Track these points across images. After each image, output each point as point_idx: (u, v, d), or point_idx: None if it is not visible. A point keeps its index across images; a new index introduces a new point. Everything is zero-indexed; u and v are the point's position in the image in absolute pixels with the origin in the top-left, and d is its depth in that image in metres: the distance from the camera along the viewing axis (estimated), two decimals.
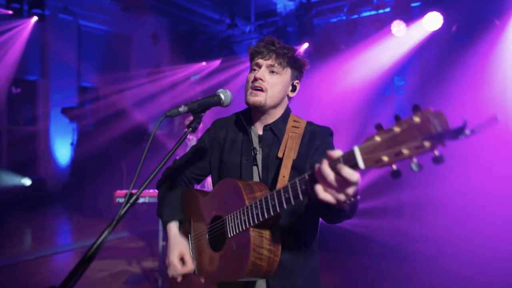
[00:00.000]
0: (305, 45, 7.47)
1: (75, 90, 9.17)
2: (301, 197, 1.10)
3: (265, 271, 1.29)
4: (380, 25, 6.69)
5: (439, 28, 5.82)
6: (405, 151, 0.83)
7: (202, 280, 1.50)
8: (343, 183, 0.94)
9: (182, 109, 1.36)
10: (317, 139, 1.53)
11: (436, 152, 0.79)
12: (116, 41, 9.65)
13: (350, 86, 6.65)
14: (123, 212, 1.15)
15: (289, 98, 1.61)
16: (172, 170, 1.73)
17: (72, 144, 8.20)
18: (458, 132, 0.75)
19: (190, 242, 1.59)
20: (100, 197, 7.45)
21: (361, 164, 0.90)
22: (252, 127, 1.62)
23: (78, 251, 5.24)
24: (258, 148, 1.57)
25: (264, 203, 1.22)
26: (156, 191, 1.90)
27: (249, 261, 1.25)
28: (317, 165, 0.98)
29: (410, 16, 6.31)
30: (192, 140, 4.52)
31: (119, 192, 3.98)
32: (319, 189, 0.98)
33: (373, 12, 6.98)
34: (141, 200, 3.94)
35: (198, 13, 8.66)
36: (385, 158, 0.86)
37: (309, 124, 1.59)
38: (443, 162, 0.79)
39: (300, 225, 1.49)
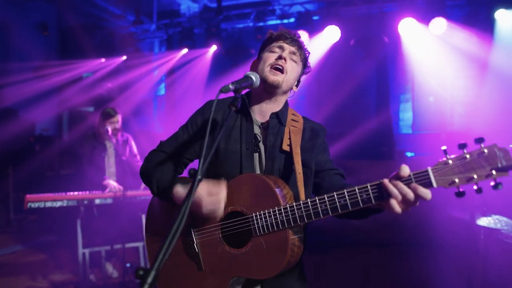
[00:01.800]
0: (214, 48, 7.67)
1: None
2: (361, 205, 1.22)
3: (292, 265, 1.39)
4: None
5: (339, 41, 6.63)
6: (476, 177, 1.08)
7: (212, 277, 1.46)
8: (414, 198, 1.13)
9: (232, 86, 1.36)
10: (319, 137, 1.65)
11: (496, 181, 1.06)
12: None
13: None
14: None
15: (291, 91, 1.69)
16: (161, 153, 1.65)
17: None
18: None
19: (193, 236, 1.53)
20: None
21: (434, 184, 1.12)
22: (251, 113, 1.64)
23: None
24: (260, 135, 1.60)
25: (311, 207, 1.29)
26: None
27: (286, 259, 1.33)
28: (386, 181, 1.17)
29: (312, 28, 7.04)
30: (111, 147, 4.33)
31: (31, 196, 3.59)
32: (394, 203, 1.15)
33: (278, 21, 7.59)
34: (58, 204, 3.63)
35: (97, 5, 8.15)
36: (457, 181, 1.10)
37: (306, 120, 1.70)
38: (500, 189, 1.06)
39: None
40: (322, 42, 6.92)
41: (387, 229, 5.90)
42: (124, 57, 8.06)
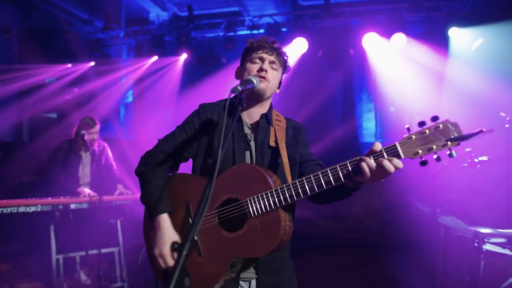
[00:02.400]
0: (184, 56, 7.76)
1: None
2: (342, 179, 1.40)
3: (284, 243, 1.53)
4: None
5: (307, 52, 6.95)
6: (434, 147, 1.30)
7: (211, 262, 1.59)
8: (384, 169, 1.33)
9: (240, 88, 1.52)
10: (301, 133, 1.85)
11: (451, 150, 1.29)
12: None
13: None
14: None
15: (274, 93, 1.86)
16: (158, 153, 1.77)
17: None
18: (467, 138, 1.26)
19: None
20: None
21: (401, 155, 1.33)
22: (241, 116, 1.80)
23: None
24: (250, 135, 1.77)
25: (299, 186, 1.46)
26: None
27: (279, 236, 1.48)
28: (363, 159, 1.36)
29: (282, 39, 7.32)
30: (87, 157, 4.33)
31: (2, 201, 3.53)
32: (369, 174, 1.35)
33: (248, 32, 7.82)
34: (32, 209, 3.59)
35: (63, 9, 8.00)
36: (420, 151, 1.32)
37: (288, 119, 1.89)
38: (454, 156, 1.28)
39: None
40: (290, 53, 7.20)
41: (355, 232, 6.20)
42: (92, 63, 7.96)
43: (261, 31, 7.68)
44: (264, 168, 1.63)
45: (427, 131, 1.34)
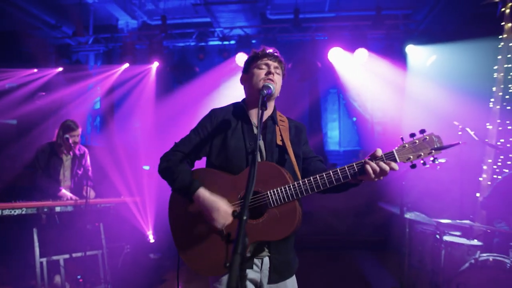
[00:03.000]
0: (156, 64, 7.89)
1: None
2: (349, 177, 1.72)
3: (298, 229, 1.81)
4: (227, 55, 7.83)
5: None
6: (422, 154, 1.67)
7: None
8: (384, 171, 1.66)
9: (265, 91, 1.81)
10: (302, 132, 2.13)
11: (434, 157, 1.67)
12: None
13: (204, 106, 7.46)
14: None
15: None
16: (177, 152, 1.99)
17: None
18: (446, 147, 1.64)
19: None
20: None
21: (397, 159, 1.68)
22: (250, 117, 2.05)
23: None
24: (259, 135, 2.01)
25: (313, 182, 1.75)
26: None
27: (295, 223, 1.77)
28: (368, 162, 1.69)
29: (251, 49, 7.65)
30: (68, 160, 4.39)
31: None
32: (372, 174, 1.68)
33: (219, 42, 8.09)
34: (16, 212, 3.62)
35: (29, 13, 7.86)
36: (411, 157, 1.67)
37: (290, 119, 2.15)
38: (436, 162, 1.65)
39: None
40: None
41: (324, 234, 6.57)
42: (60, 69, 7.87)
43: (232, 42, 7.99)
44: (281, 166, 1.88)
45: (417, 141, 1.72)
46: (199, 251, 1.90)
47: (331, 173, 1.77)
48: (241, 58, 7.51)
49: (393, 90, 6.84)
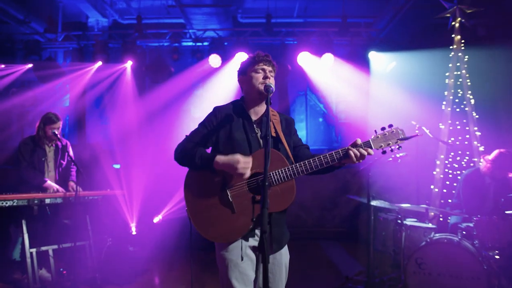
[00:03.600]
0: (129, 63, 8.03)
1: None
2: (336, 161, 2.14)
3: (293, 203, 2.22)
4: (200, 56, 8.13)
5: None
6: (390, 143, 2.12)
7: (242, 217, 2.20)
8: (362, 155, 2.11)
9: (270, 90, 2.19)
10: (291, 125, 2.52)
11: (399, 145, 2.13)
12: None
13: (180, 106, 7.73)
14: None
15: None
16: (190, 142, 2.33)
17: None
18: (408, 138, 2.13)
19: (227, 191, 2.23)
20: None
21: (373, 146, 2.13)
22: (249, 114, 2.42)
23: None
24: (256, 128, 2.38)
25: (307, 164, 2.15)
26: None
27: (293, 197, 2.18)
28: (351, 148, 2.13)
29: (224, 52, 8.01)
30: (51, 151, 4.54)
31: None
32: (353, 158, 2.11)
33: (193, 44, 8.37)
34: (8, 203, 3.77)
35: None
36: (383, 145, 2.11)
37: (280, 113, 2.52)
38: (400, 149, 2.12)
39: None
40: (233, 67, 7.95)
41: (291, 227, 6.99)
42: (30, 65, 7.83)
43: (205, 43, 8.30)
44: (280, 152, 2.28)
45: (386, 133, 2.19)
46: (212, 222, 2.24)
47: (321, 157, 2.18)
48: (214, 60, 7.83)
49: (358, 92, 7.43)
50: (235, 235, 2.21)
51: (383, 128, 2.20)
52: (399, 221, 4.13)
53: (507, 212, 3.66)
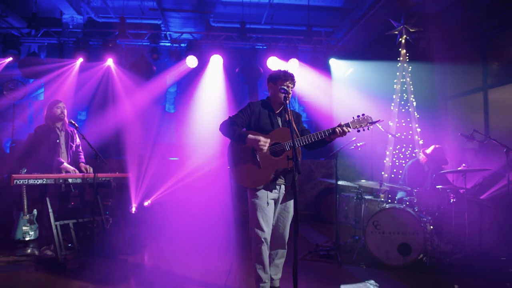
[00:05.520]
0: (110, 60, 8.68)
1: None
2: (327, 136, 3.21)
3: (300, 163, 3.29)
4: (178, 57, 8.98)
5: (228, 67, 8.73)
6: (363, 125, 3.28)
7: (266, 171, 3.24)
8: (344, 132, 3.22)
9: (287, 91, 3.18)
10: (299, 117, 3.59)
11: (369, 127, 3.31)
12: None
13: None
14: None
15: None
16: (232, 121, 3.33)
17: None
18: (375, 122, 3.33)
19: (256, 155, 3.25)
20: None
21: (351, 126, 3.26)
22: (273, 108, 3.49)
23: None
24: (277, 117, 3.45)
25: (308, 138, 3.20)
26: None
27: (300, 158, 3.20)
28: (338, 127, 3.23)
29: (201, 54, 8.91)
30: (62, 135, 5.24)
31: (16, 175, 4.36)
32: (339, 134, 3.21)
33: (170, 44, 9.18)
34: (39, 181, 4.50)
35: None
36: (358, 126, 3.26)
37: (291, 110, 3.57)
38: (368, 130, 3.31)
39: None
40: (210, 67, 8.91)
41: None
42: (10, 59, 8.24)
43: (183, 45, 9.15)
44: (291, 130, 3.28)
45: (361, 118, 3.31)
46: (246, 173, 3.31)
47: (317, 133, 3.29)
48: (190, 60, 8.72)
49: (323, 94, 8.69)
50: (261, 183, 3.29)
51: (358, 116, 3.32)
52: (359, 196, 5.37)
53: (437, 186, 5.02)
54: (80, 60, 8.52)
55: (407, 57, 7.25)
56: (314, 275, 4.36)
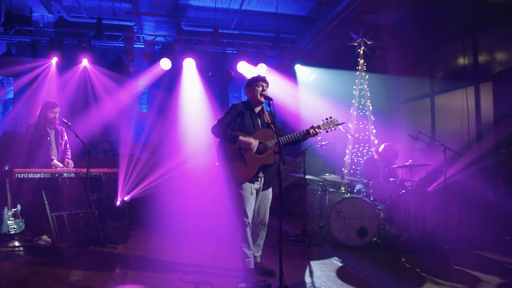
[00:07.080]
0: (85, 61, 9.02)
1: None
2: (302, 135, 3.99)
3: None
4: (152, 59, 9.49)
5: (201, 70, 9.37)
6: (331, 126, 4.08)
7: (250, 166, 3.90)
8: (317, 132, 4.01)
9: (267, 97, 3.88)
10: (275, 118, 4.21)
11: (335, 128, 4.14)
12: None
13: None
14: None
15: None
16: (222, 124, 3.94)
17: None
18: (340, 124, 4.18)
19: (243, 153, 3.90)
20: None
21: (322, 128, 4.05)
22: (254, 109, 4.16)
23: None
24: (257, 118, 4.13)
25: (289, 137, 3.96)
26: None
27: (282, 156, 3.92)
28: (311, 128, 4.03)
29: (174, 57, 9.46)
30: (52, 133, 5.70)
31: (18, 170, 4.82)
32: (312, 134, 4.00)
33: (143, 46, 9.67)
34: (37, 176, 4.99)
35: None
36: (327, 127, 4.06)
37: (267, 111, 4.29)
38: (334, 131, 4.16)
39: None
40: (184, 69, 9.51)
41: None
42: None
43: (157, 47, 9.67)
44: (276, 130, 3.96)
45: (329, 120, 4.11)
46: (234, 169, 3.95)
47: (294, 134, 4.03)
48: (164, 63, 9.27)
49: (289, 98, 9.52)
50: (246, 177, 3.97)
51: (326, 118, 4.11)
52: (324, 188, 6.25)
53: (390, 179, 5.99)
54: (55, 59, 8.79)
55: (364, 67, 8.26)
56: (287, 256, 5.13)
